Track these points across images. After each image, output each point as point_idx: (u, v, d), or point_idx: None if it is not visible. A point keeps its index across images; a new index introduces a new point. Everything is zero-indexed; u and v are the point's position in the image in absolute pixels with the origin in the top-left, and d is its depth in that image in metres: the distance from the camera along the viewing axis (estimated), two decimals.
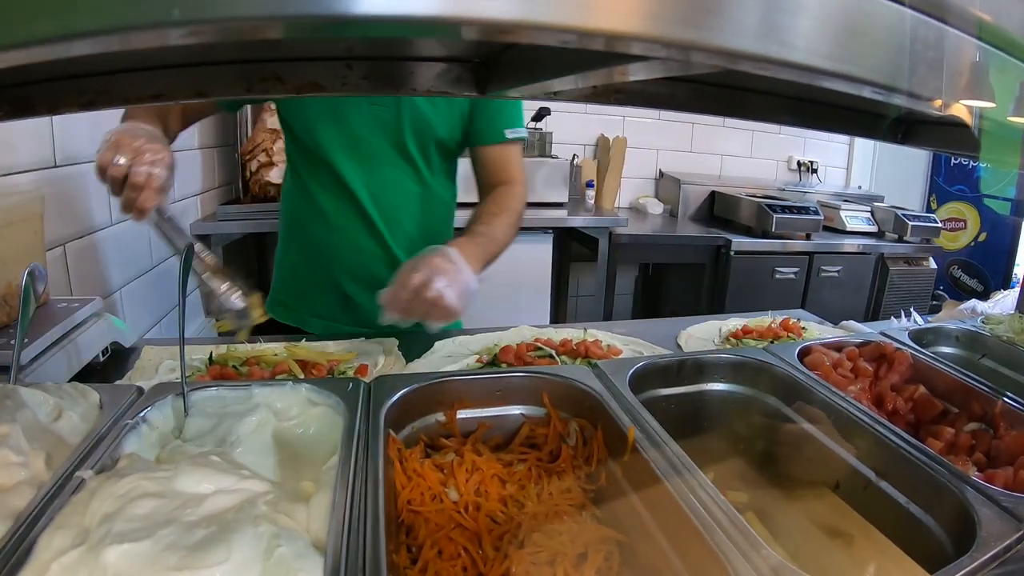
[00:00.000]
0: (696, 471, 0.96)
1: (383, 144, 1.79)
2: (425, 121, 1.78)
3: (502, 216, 1.80)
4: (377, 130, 1.77)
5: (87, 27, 0.31)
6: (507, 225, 1.80)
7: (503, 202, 1.85)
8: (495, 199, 1.87)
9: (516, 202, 1.88)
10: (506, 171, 1.90)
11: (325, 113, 1.76)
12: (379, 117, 1.76)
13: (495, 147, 1.88)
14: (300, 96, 0.82)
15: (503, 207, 1.83)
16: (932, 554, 1.00)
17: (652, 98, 0.85)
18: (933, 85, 0.50)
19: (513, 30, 0.34)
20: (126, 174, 1.25)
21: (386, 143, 1.79)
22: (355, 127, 1.76)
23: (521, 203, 1.90)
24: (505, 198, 1.87)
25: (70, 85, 0.73)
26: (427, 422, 1.19)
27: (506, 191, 1.89)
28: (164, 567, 0.69)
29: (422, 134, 1.80)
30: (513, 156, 1.92)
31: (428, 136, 1.81)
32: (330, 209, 1.85)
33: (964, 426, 1.29)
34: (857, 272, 4.25)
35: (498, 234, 1.75)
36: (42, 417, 1.00)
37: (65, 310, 1.41)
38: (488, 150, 1.88)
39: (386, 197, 1.83)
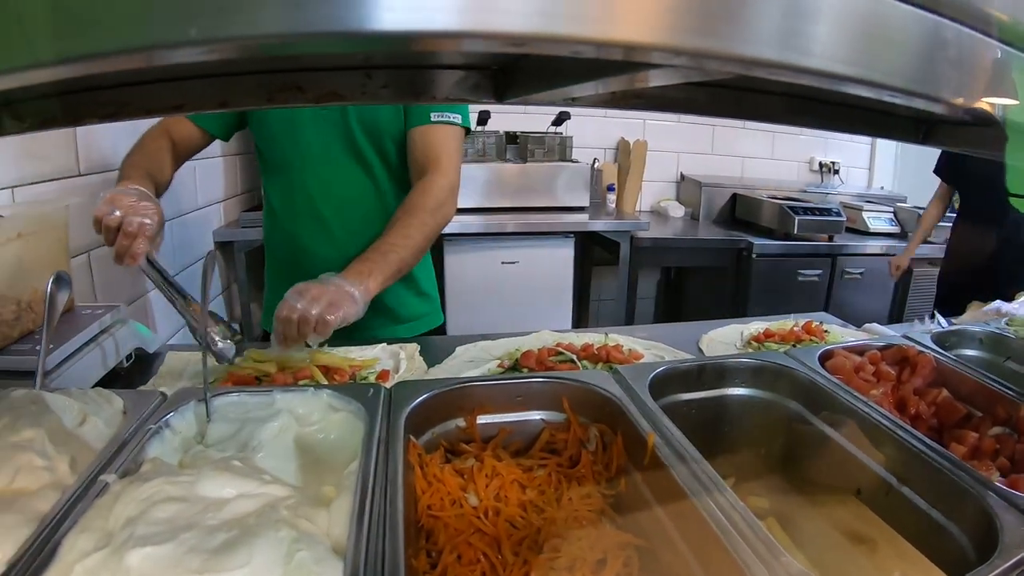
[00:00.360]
0: (716, 477, 0.96)
1: (336, 147, 1.81)
2: (372, 116, 1.79)
3: (404, 219, 1.75)
4: (328, 133, 1.79)
5: (110, 47, 0.31)
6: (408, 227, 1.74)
7: (411, 202, 1.79)
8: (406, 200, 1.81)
9: (428, 197, 1.79)
10: (428, 154, 1.84)
11: (280, 123, 1.80)
12: (327, 119, 1.78)
13: (421, 129, 1.83)
14: (320, 105, 0.82)
15: (408, 208, 1.78)
16: (954, 560, 0.99)
17: (671, 102, 0.85)
18: (953, 86, 0.50)
19: (530, 43, 0.35)
20: (120, 224, 1.35)
21: (339, 145, 1.81)
22: (307, 132, 1.79)
23: (437, 196, 1.80)
24: (416, 196, 1.80)
25: (93, 97, 0.74)
26: (447, 427, 1.20)
27: (421, 188, 1.81)
28: (186, 570, 0.69)
29: (372, 131, 1.81)
30: (439, 139, 1.86)
31: (379, 132, 1.82)
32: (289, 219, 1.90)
33: (988, 430, 1.27)
34: (880, 274, 4.21)
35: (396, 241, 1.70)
36: (67, 422, 1.01)
37: (89, 316, 1.43)
38: (414, 133, 1.85)
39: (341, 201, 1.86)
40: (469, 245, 3.60)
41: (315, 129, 1.80)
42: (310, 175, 1.84)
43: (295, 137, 1.81)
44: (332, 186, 1.85)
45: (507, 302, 3.73)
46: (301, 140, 1.81)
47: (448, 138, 1.87)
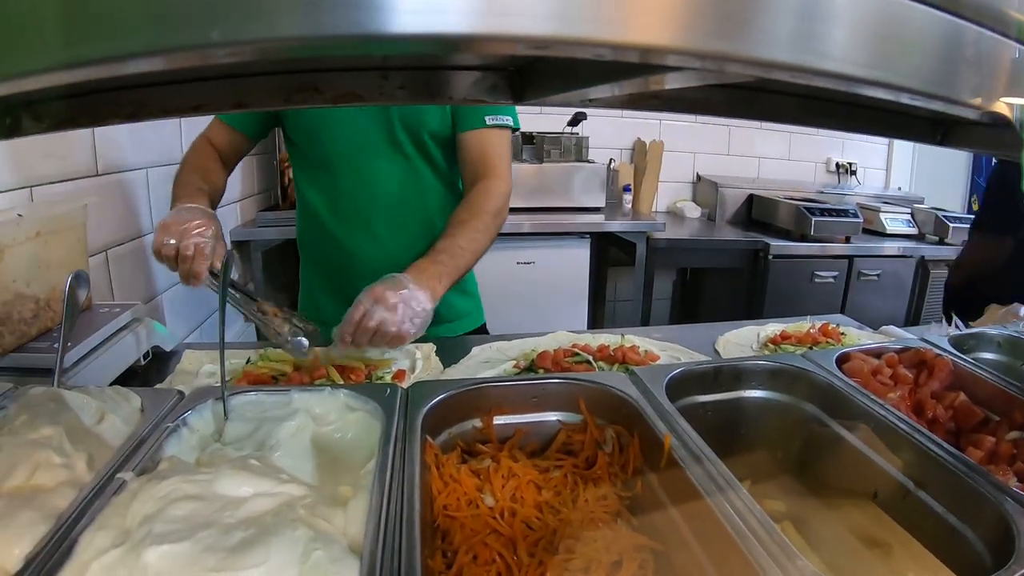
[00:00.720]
0: (732, 480, 0.95)
1: (378, 143, 1.80)
2: (415, 113, 1.78)
3: (471, 223, 1.76)
4: (370, 129, 1.78)
5: (131, 50, 0.32)
6: (475, 231, 1.76)
7: (475, 205, 1.81)
8: (468, 202, 1.82)
9: (491, 201, 1.82)
10: (486, 161, 1.85)
11: (320, 118, 1.79)
12: (369, 114, 1.77)
13: (475, 133, 1.84)
14: (336, 106, 0.83)
15: (474, 211, 1.79)
16: (970, 565, 0.98)
17: (688, 104, 0.85)
18: (971, 88, 0.49)
19: (548, 46, 0.35)
20: (177, 250, 1.39)
21: (381, 142, 1.80)
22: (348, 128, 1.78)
23: (497, 201, 1.83)
24: (479, 199, 1.82)
25: (112, 98, 0.75)
26: (464, 428, 1.20)
27: (482, 190, 1.83)
28: (203, 568, 0.70)
29: (413, 127, 1.79)
30: (494, 144, 1.87)
31: (420, 128, 1.80)
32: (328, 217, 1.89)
33: (1005, 435, 1.26)
34: (898, 275, 4.19)
35: (463, 244, 1.72)
36: (85, 420, 1.02)
37: (107, 315, 1.44)
38: (468, 137, 1.85)
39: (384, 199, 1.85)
40: None
41: (356, 125, 1.78)
42: (351, 172, 1.82)
43: (335, 133, 1.80)
44: (374, 184, 1.83)
45: (523, 302, 3.72)
46: (341, 136, 1.79)
47: (503, 141, 1.88)
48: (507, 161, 1.89)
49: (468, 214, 1.78)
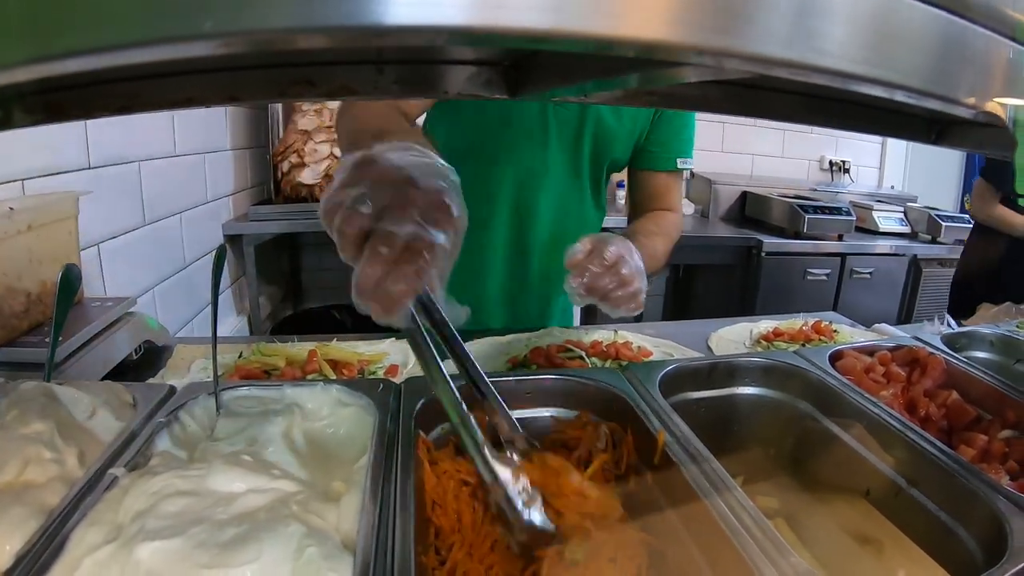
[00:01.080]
0: (726, 476, 0.95)
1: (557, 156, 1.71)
2: (606, 141, 1.70)
3: (661, 236, 1.70)
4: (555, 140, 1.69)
5: (119, 40, 0.31)
6: (664, 246, 1.70)
7: (662, 224, 1.75)
8: (654, 219, 1.77)
9: (674, 230, 1.79)
10: (666, 199, 1.83)
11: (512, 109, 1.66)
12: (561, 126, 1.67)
13: (661, 173, 1.81)
14: (331, 99, 0.82)
15: (662, 229, 1.73)
16: (963, 563, 0.98)
17: (684, 100, 0.85)
18: (967, 87, 0.49)
19: (543, 39, 0.34)
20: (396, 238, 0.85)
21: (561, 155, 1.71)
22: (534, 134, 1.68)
23: (678, 232, 1.81)
24: (664, 222, 1.78)
25: (103, 90, 0.74)
26: None
27: (665, 215, 1.80)
28: (195, 564, 0.69)
29: (599, 153, 1.73)
30: (676, 185, 1.86)
31: (604, 156, 1.74)
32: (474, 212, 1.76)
33: (998, 433, 1.27)
34: (890, 274, 4.20)
35: (658, 251, 1.65)
36: (76, 415, 1.01)
37: (99, 309, 1.44)
38: (653, 175, 1.81)
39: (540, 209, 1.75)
40: None
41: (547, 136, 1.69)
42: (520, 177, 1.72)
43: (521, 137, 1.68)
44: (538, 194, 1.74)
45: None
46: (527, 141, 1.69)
47: (682, 182, 1.89)
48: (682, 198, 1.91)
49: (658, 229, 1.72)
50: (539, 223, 1.77)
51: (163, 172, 2.43)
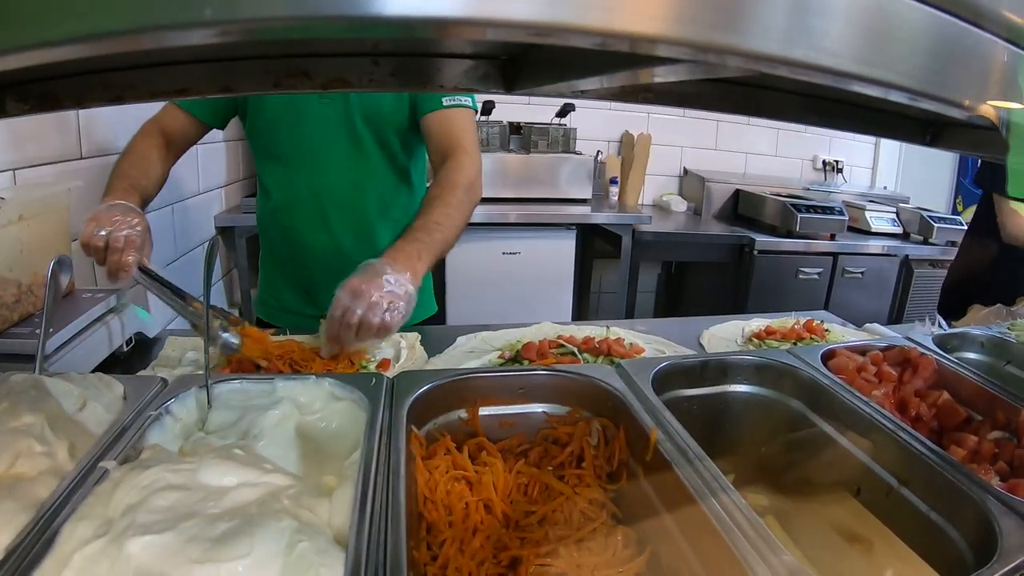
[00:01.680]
0: (718, 473, 0.95)
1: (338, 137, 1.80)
2: (375, 107, 1.78)
3: (442, 197, 1.74)
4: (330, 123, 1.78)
5: (116, 26, 0.31)
6: (447, 205, 1.73)
7: (445, 180, 1.78)
8: (437, 180, 1.80)
9: (460, 175, 1.80)
10: (451, 139, 1.84)
11: (281, 111, 1.79)
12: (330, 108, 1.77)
13: (436, 114, 1.84)
14: (326, 91, 0.82)
15: (444, 186, 1.77)
16: (952, 563, 0.98)
17: (679, 97, 0.84)
18: (961, 88, 0.49)
19: (538, 32, 0.34)
20: (107, 243, 1.37)
21: (341, 136, 1.80)
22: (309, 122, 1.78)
23: (467, 175, 1.81)
24: (448, 174, 1.80)
25: (97, 80, 0.74)
26: (449, 418, 1.19)
27: (451, 167, 1.81)
28: (187, 559, 0.69)
29: (374, 122, 1.80)
30: (457, 124, 1.86)
31: (382, 123, 1.81)
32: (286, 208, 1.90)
33: (987, 434, 1.27)
34: (881, 274, 4.21)
35: (437, 219, 1.68)
36: (67, 407, 1.00)
37: (90, 300, 1.43)
38: (430, 119, 1.84)
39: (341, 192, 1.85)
40: (470, 235, 3.59)
41: (317, 119, 1.79)
42: (310, 165, 1.83)
43: (296, 126, 1.80)
44: (332, 177, 1.84)
45: (508, 293, 3.73)
46: (301, 129, 1.80)
47: (465, 121, 1.87)
48: (472, 137, 1.88)
49: (439, 190, 1.77)
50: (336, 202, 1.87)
51: None
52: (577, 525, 1.03)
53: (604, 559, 0.97)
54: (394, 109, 1.82)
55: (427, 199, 1.76)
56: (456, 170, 1.80)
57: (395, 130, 1.85)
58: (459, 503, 1.01)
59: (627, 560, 0.97)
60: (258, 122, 1.85)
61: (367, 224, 1.89)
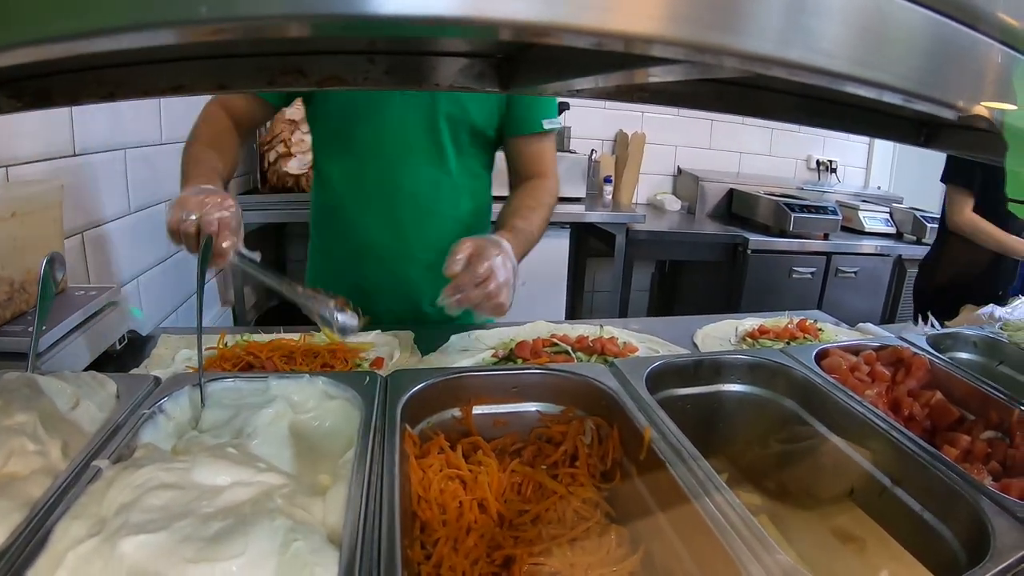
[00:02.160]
0: (712, 473, 0.96)
1: (414, 129, 1.74)
2: (460, 107, 1.74)
3: (538, 211, 1.77)
4: (409, 115, 1.73)
5: (112, 23, 0.31)
6: (542, 220, 1.77)
7: (538, 196, 1.82)
8: (530, 192, 1.83)
9: (550, 197, 1.85)
10: (540, 163, 1.88)
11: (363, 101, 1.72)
12: (412, 101, 1.71)
13: (531, 138, 1.85)
14: (323, 89, 0.82)
15: (539, 201, 1.80)
16: (946, 563, 0.99)
17: (675, 97, 0.84)
18: (955, 89, 0.49)
19: (535, 32, 0.34)
20: (197, 228, 1.25)
21: (418, 128, 1.75)
22: (386, 110, 1.72)
23: (554, 198, 1.87)
24: (539, 192, 1.84)
25: (91, 76, 0.73)
26: (443, 417, 1.19)
27: (540, 184, 1.86)
28: (180, 559, 0.69)
29: (455, 121, 1.75)
30: (548, 148, 1.90)
31: (462, 123, 1.76)
32: (351, 201, 1.83)
33: (980, 434, 1.28)
34: (874, 274, 4.23)
35: (534, 230, 1.71)
36: (60, 406, 1.00)
37: (83, 298, 1.42)
38: (524, 141, 1.85)
39: (410, 187, 1.79)
40: None
41: (395, 111, 1.73)
42: (382, 160, 1.76)
43: (371, 116, 1.73)
44: (405, 175, 1.78)
45: None
46: (379, 121, 1.73)
47: (553, 145, 1.92)
48: (556, 164, 1.93)
49: (535, 202, 1.79)
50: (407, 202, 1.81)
51: (149, 160, 2.41)
52: (571, 524, 1.03)
53: (598, 558, 0.97)
54: (481, 115, 1.78)
55: (526, 206, 1.77)
56: (548, 192, 1.87)
57: (477, 137, 1.82)
58: (453, 502, 1.01)
59: (621, 559, 0.97)
60: (329, 106, 1.78)
61: (438, 227, 1.84)
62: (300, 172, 3.39)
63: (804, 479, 1.28)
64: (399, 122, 1.73)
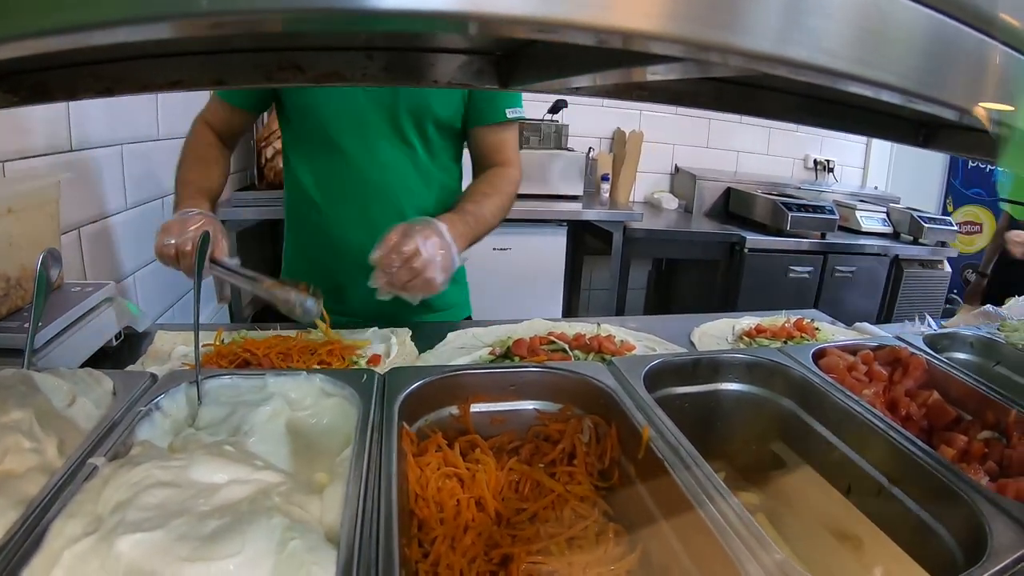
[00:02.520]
0: (709, 471, 0.96)
1: (378, 124, 1.76)
2: (422, 100, 1.74)
3: (493, 197, 1.79)
4: (372, 110, 1.74)
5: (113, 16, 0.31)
6: (496, 207, 1.78)
7: (496, 183, 1.84)
8: (488, 179, 1.85)
9: (509, 185, 1.86)
10: (502, 152, 1.88)
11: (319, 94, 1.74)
12: (374, 96, 1.73)
13: (493, 127, 1.86)
14: (319, 85, 0.81)
15: (496, 188, 1.82)
16: (942, 563, 0.99)
17: (674, 95, 0.84)
18: (957, 90, 0.49)
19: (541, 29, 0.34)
20: (176, 249, 1.43)
21: (381, 123, 1.76)
22: (349, 107, 1.74)
23: (514, 186, 1.88)
24: (498, 179, 1.85)
25: (88, 71, 0.73)
26: (441, 415, 1.19)
27: (500, 172, 1.87)
28: (177, 558, 0.68)
29: (419, 114, 1.76)
30: (510, 137, 1.91)
31: (425, 116, 1.77)
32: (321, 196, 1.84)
33: (977, 434, 1.28)
34: (871, 273, 4.23)
35: (486, 214, 1.74)
36: (56, 403, 1.00)
37: (79, 294, 1.42)
38: (486, 131, 1.86)
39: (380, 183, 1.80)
40: None
41: (357, 105, 1.74)
42: (347, 154, 1.77)
43: (335, 112, 1.74)
44: (371, 168, 1.79)
45: (498, 289, 3.72)
46: (341, 115, 1.74)
47: (516, 134, 1.92)
48: (518, 153, 1.93)
49: (491, 189, 1.81)
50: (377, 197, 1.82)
51: (146, 156, 2.40)
52: (568, 522, 1.02)
53: (595, 556, 0.97)
54: (444, 107, 1.79)
55: (478, 191, 1.81)
56: (507, 179, 1.87)
57: (441, 128, 1.83)
58: (450, 500, 1.01)
59: (618, 558, 0.97)
60: (294, 105, 1.81)
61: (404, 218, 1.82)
62: None
63: (801, 478, 1.27)
64: (361, 118, 1.75)
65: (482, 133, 1.86)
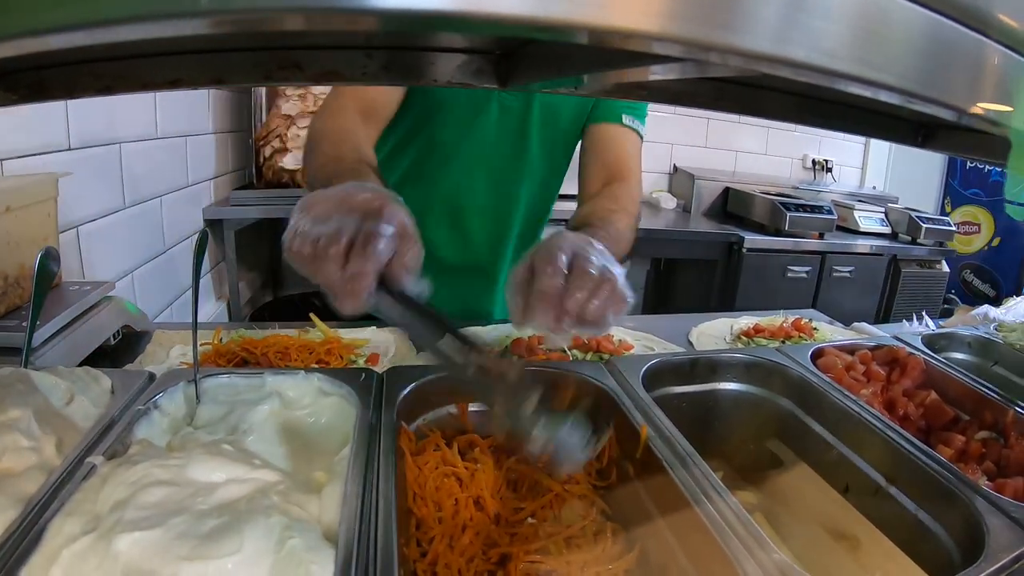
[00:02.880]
0: (707, 470, 0.96)
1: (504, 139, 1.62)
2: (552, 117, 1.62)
3: (621, 214, 1.42)
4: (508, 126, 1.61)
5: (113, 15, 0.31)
6: (628, 228, 1.40)
7: (620, 199, 1.52)
8: (617, 197, 1.53)
9: (633, 204, 1.54)
10: (622, 163, 1.63)
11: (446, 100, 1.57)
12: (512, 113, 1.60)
13: (610, 127, 1.67)
14: (320, 84, 0.81)
15: (621, 204, 1.48)
16: (940, 562, 0.99)
17: (674, 95, 0.84)
18: (956, 90, 0.49)
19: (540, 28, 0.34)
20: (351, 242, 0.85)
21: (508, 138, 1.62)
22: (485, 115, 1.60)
23: (638, 206, 1.57)
24: (621, 196, 1.54)
25: (87, 69, 0.73)
26: (439, 414, 1.19)
27: (626, 193, 1.56)
28: (175, 556, 0.68)
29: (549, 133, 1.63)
30: (631, 148, 1.68)
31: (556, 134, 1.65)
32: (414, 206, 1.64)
33: (975, 434, 1.28)
34: (869, 273, 4.23)
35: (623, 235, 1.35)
36: (54, 401, 0.99)
37: (77, 293, 1.42)
38: (602, 130, 1.67)
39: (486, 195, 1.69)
40: None
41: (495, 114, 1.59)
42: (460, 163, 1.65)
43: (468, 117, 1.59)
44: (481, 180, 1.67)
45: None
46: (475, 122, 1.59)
47: (637, 148, 1.72)
48: (640, 168, 1.70)
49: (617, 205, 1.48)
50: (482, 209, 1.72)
51: (145, 154, 2.40)
52: (567, 522, 1.03)
53: (594, 556, 0.97)
54: (571, 120, 1.67)
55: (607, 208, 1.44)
56: (631, 198, 1.56)
57: (564, 144, 1.71)
58: (449, 499, 1.01)
59: (616, 557, 0.97)
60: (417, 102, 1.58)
61: (507, 236, 1.75)
62: (296, 167, 3.38)
63: (799, 477, 1.28)
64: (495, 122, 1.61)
65: (598, 133, 1.69)
